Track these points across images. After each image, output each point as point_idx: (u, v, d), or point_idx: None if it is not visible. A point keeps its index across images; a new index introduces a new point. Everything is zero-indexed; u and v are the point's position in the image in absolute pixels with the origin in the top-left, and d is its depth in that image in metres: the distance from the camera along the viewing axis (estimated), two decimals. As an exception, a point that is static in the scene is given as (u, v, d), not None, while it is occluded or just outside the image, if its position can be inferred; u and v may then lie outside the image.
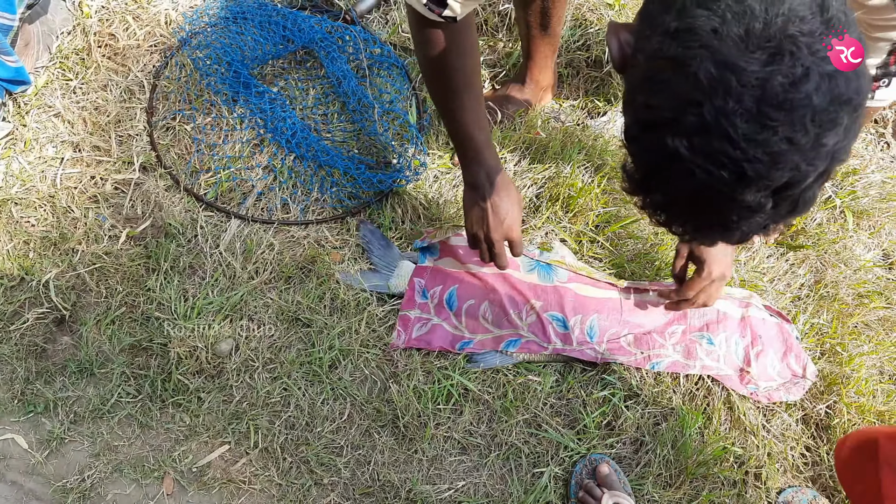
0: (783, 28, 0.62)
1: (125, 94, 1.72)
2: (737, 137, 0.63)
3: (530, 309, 1.53)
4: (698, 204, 0.69)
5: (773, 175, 0.64)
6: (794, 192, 0.66)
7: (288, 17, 1.81)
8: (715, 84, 0.62)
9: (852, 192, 1.80)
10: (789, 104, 0.62)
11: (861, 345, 1.60)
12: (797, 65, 0.61)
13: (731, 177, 0.64)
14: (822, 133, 0.63)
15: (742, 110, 0.62)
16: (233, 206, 1.64)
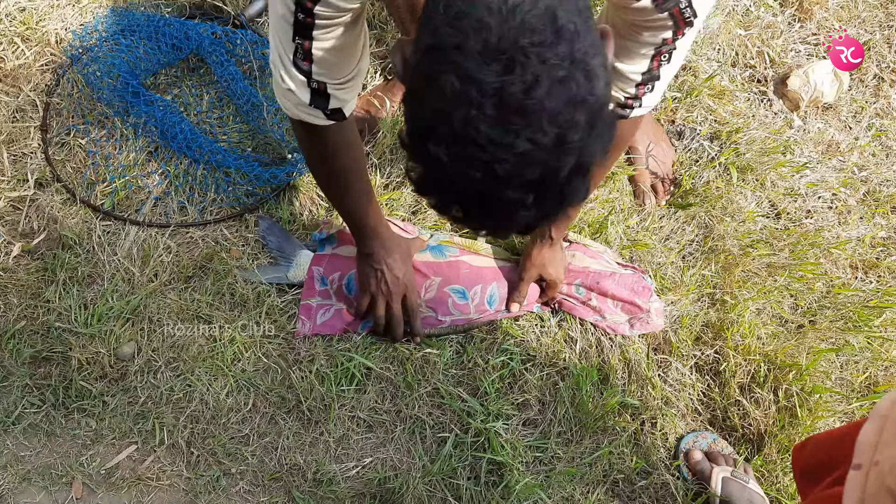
0: (515, 40, 0.67)
1: (17, 113, 1.75)
2: (483, 142, 0.69)
3: (430, 284, 1.57)
4: (468, 203, 0.75)
5: (523, 173, 0.70)
6: (553, 187, 0.72)
7: (176, 26, 1.84)
8: (458, 96, 0.68)
9: (735, 150, 1.88)
10: (525, 109, 0.67)
11: (747, 292, 1.67)
12: (528, 73, 0.67)
13: (485, 177, 0.71)
14: (563, 132, 0.69)
15: (484, 117, 0.68)
16: (130, 214, 1.66)
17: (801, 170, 1.89)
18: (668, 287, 1.68)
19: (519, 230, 0.79)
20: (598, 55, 0.72)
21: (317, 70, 1.07)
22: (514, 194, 0.72)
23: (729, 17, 2.08)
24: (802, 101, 1.98)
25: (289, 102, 1.14)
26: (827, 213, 1.88)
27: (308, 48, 1.03)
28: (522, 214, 0.74)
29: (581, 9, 0.72)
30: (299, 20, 0.98)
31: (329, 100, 1.13)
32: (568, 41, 0.68)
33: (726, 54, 2.04)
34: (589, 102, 0.70)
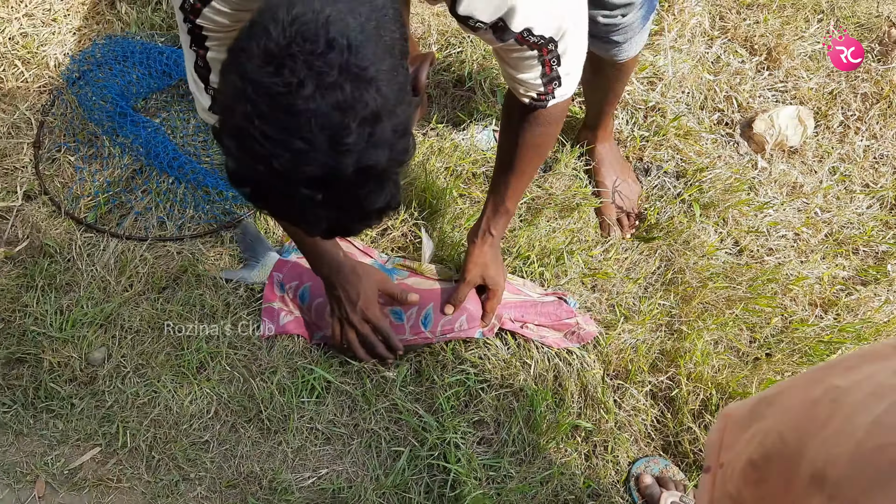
0: (288, 46, 0.73)
1: (12, 130, 1.84)
2: (259, 137, 0.74)
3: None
4: (267, 196, 0.80)
5: (302, 169, 0.75)
6: (341, 187, 0.77)
7: (167, 53, 1.95)
8: (238, 93, 0.75)
9: (700, 187, 1.94)
10: (292, 108, 0.73)
11: (702, 322, 1.72)
12: (295, 76, 0.72)
13: (265, 170, 0.76)
14: (336, 136, 0.74)
15: (259, 114, 0.74)
16: (111, 227, 1.74)
17: (763, 208, 1.95)
18: (625, 315, 1.73)
19: (329, 229, 0.84)
20: (382, 70, 0.76)
21: (214, 79, 1.11)
22: (301, 191, 0.77)
23: (699, 63, 2.17)
24: (767, 144, 2.05)
25: (200, 109, 1.19)
26: (789, 252, 1.93)
27: (203, 55, 1.07)
28: (319, 212, 0.80)
29: (367, 28, 0.77)
30: (191, 31, 1.04)
31: None
32: (339, 52, 0.74)
33: (695, 97, 2.12)
34: (357, 109, 0.74)
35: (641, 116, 2.05)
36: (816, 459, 0.66)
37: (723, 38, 2.25)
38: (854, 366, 0.73)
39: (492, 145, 1.97)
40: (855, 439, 0.63)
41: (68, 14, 2.05)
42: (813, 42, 2.24)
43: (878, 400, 0.65)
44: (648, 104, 2.06)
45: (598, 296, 1.78)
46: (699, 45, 2.20)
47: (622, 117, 2.04)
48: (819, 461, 0.66)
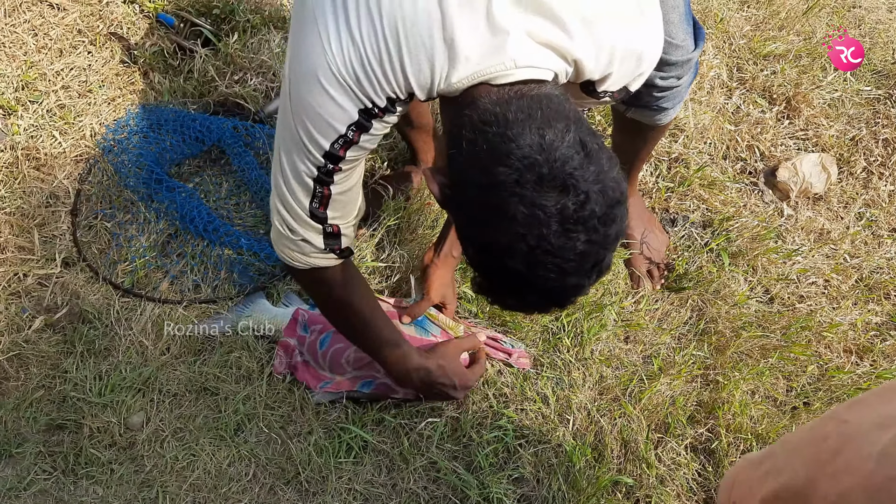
0: (562, 169, 0.86)
1: (50, 199, 1.89)
2: (554, 251, 0.87)
3: None
4: (541, 297, 0.94)
5: (584, 265, 0.90)
6: (602, 267, 0.93)
7: (200, 120, 2.00)
8: (529, 220, 0.86)
9: (727, 236, 1.95)
10: (583, 219, 0.87)
11: (738, 372, 1.71)
12: (580, 192, 0.86)
13: (557, 276, 0.89)
14: (607, 228, 0.89)
15: (552, 233, 0.86)
16: (147, 291, 1.77)
17: (791, 256, 1.95)
18: (661, 367, 1.73)
19: (568, 307, 0.99)
20: (614, 160, 0.91)
21: (332, 214, 1.15)
22: (576, 281, 0.91)
23: (719, 114, 2.20)
24: (792, 192, 2.07)
25: (298, 253, 1.22)
26: (820, 299, 1.93)
27: (328, 194, 1.11)
28: (580, 294, 0.94)
29: (591, 130, 0.91)
30: (324, 170, 1.07)
31: (341, 239, 1.21)
32: (596, 159, 0.88)
33: (717, 148, 2.15)
34: (621, 201, 0.90)
35: (665, 168, 2.08)
36: (829, 494, 0.67)
37: (741, 89, 2.28)
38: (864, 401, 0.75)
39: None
40: (864, 471, 0.64)
41: (103, 85, 2.11)
42: (831, 90, 2.27)
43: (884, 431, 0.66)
44: (672, 155, 2.09)
45: (631, 347, 1.77)
46: (718, 96, 2.24)
47: (646, 169, 2.07)
48: (832, 495, 0.67)
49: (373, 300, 1.44)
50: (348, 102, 0.99)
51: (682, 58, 1.45)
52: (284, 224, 1.18)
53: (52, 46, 2.15)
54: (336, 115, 1.00)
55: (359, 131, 1.02)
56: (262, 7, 2.27)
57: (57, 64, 2.11)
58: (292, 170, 1.09)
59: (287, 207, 1.15)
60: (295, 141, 1.06)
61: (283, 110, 1.07)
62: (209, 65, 2.12)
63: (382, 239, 1.84)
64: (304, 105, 1.01)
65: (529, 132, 0.87)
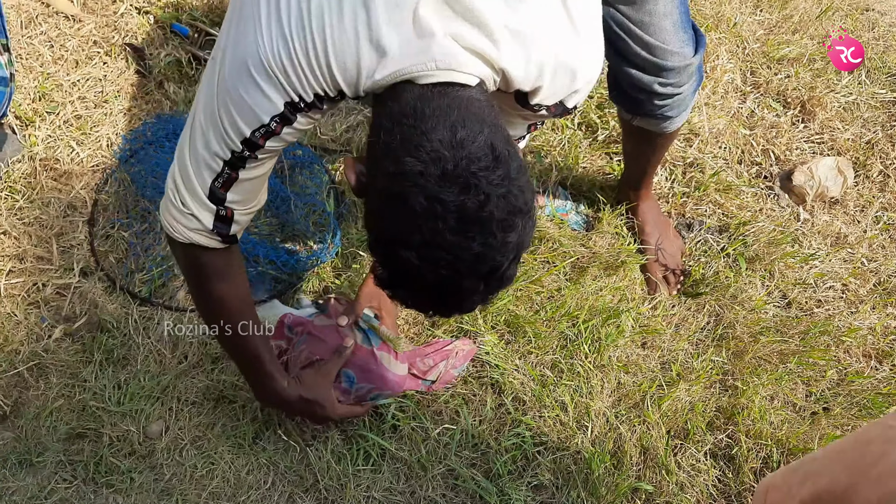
0: (467, 168, 0.86)
1: (68, 209, 1.90)
2: (447, 247, 0.87)
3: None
4: (432, 294, 0.93)
5: (479, 268, 0.89)
6: (499, 275, 0.92)
7: (215, 130, 2.01)
8: (426, 212, 0.86)
9: (743, 241, 1.94)
10: (480, 220, 0.87)
11: (757, 377, 1.70)
12: (481, 192, 0.86)
13: (448, 273, 0.89)
14: (506, 235, 0.88)
15: (448, 228, 0.86)
16: (165, 300, 1.77)
17: (808, 260, 1.94)
18: (679, 373, 1.72)
19: (465, 311, 0.99)
20: (523, 170, 0.92)
21: (232, 198, 1.13)
22: (470, 284, 0.91)
23: (734, 119, 2.20)
24: (808, 196, 2.06)
25: (182, 226, 1.17)
26: (838, 303, 1.91)
27: (234, 178, 1.10)
28: (474, 299, 0.94)
29: (507, 137, 0.93)
30: (238, 155, 1.06)
31: (231, 225, 1.18)
32: (504, 164, 0.88)
33: (732, 152, 2.14)
34: (524, 210, 0.90)
35: (680, 173, 2.07)
36: (871, 497, 0.67)
37: (755, 93, 2.28)
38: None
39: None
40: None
41: (119, 95, 2.13)
42: (846, 93, 2.26)
43: None
44: (687, 160, 2.09)
45: (648, 353, 1.77)
46: (733, 100, 2.24)
47: (661, 174, 2.06)
48: (874, 499, 0.66)
49: (249, 304, 1.37)
50: (275, 94, 0.99)
51: (680, 64, 1.46)
52: (177, 195, 1.15)
53: (67, 58, 2.17)
54: (261, 105, 1.00)
55: (282, 123, 1.02)
56: (276, 16, 2.28)
57: (73, 75, 2.13)
58: (204, 146, 1.08)
59: (185, 181, 1.13)
60: (214, 121, 1.04)
61: (209, 85, 1.05)
62: (224, 74, 2.13)
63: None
64: (231, 89, 1.01)
65: (442, 128, 0.88)
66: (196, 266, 1.27)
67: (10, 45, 1.81)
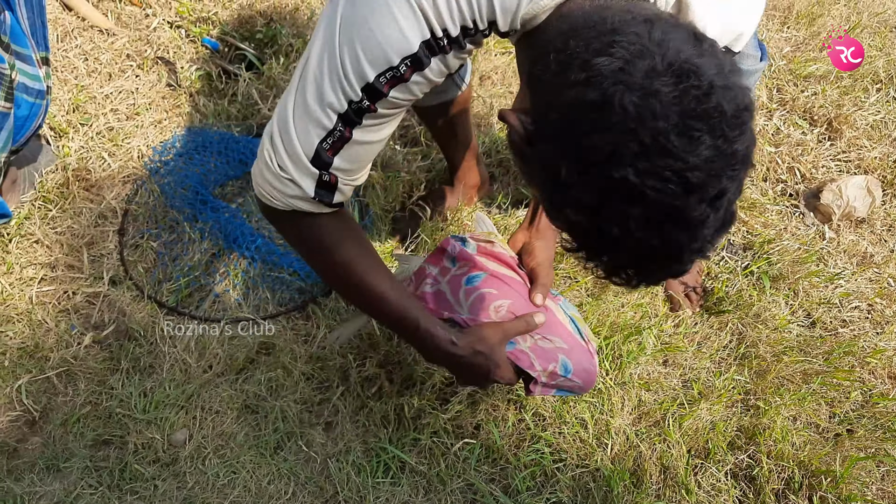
0: (677, 57, 0.72)
1: (99, 219, 1.94)
2: (675, 150, 0.71)
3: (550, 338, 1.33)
4: (654, 230, 0.75)
5: (710, 182, 0.72)
6: (723, 202, 0.75)
7: (243, 143, 2.05)
8: (641, 110, 0.71)
9: (767, 259, 1.93)
10: (706, 114, 0.71)
11: (779, 397, 1.69)
12: (702, 81, 0.71)
13: (678, 188, 0.72)
14: (735, 138, 0.73)
15: (670, 126, 0.71)
16: (191, 309, 1.80)
17: (833, 279, 1.92)
18: (701, 391, 1.71)
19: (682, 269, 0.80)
20: (736, 68, 0.76)
21: (339, 164, 0.99)
22: (699, 211, 0.73)
23: (759, 136, 2.19)
24: (834, 215, 2.04)
25: (279, 192, 1.02)
26: (864, 323, 1.89)
27: (347, 137, 0.95)
28: (704, 234, 0.76)
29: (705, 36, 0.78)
30: (356, 107, 0.92)
31: (335, 193, 1.03)
32: (714, 57, 0.74)
33: (757, 170, 2.13)
34: (751, 108, 0.75)
35: (704, 190, 2.06)
36: None
37: (781, 111, 2.27)
38: None
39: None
40: None
41: (150, 108, 2.17)
42: (874, 111, 2.24)
43: None
44: (711, 178, 2.08)
45: (670, 371, 1.76)
46: (759, 117, 2.23)
47: (685, 191, 2.06)
48: None
49: (378, 263, 1.17)
50: (413, 28, 0.87)
51: (752, 67, 1.49)
52: (274, 157, 1.00)
53: (101, 70, 2.22)
54: (393, 42, 0.87)
55: (413, 68, 0.89)
56: (304, 31, 2.32)
57: (106, 87, 2.18)
58: (316, 97, 0.93)
59: (286, 141, 0.98)
60: (333, 64, 0.91)
61: (329, 23, 0.91)
62: (252, 88, 2.17)
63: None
64: (360, 22, 0.87)
65: (635, 25, 0.74)
66: (307, 235, 1.11)
67: (50, 58, 1.85)
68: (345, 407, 1.65)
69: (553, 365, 1.31)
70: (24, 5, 1.75)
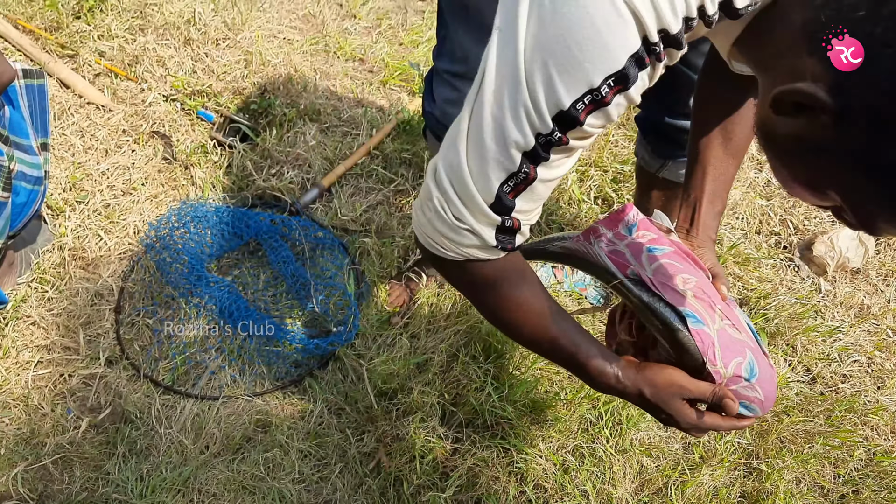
0: None
1: (95, 298, 1.95)
2: None
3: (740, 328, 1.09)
4: None
5: None
6: None
7: (238, 216, 2.06)
8: None
9: (764, 315, 1.93)
10: None
11: (782, 459, 1.67)
12: None
13: None
14: None
15: None
16: (187, 388, 1.80)
17: (832, 333, 1.92)
18: (702, 455, 1.69)
19: None
20: None
21: (521, 206, 0.87)
22: None
23: (750, 189, 2.20)
24: (829, 266, 2.04)
25: (453, 243, 0.91)
26: (864, 378, 1.88)
27: (532, 177, 0.83)
28: None
29: None
30: (545, 140, 0.79)
31: (516, 237, 0.91)
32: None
33: (750, 223, 2.14)
34: None
35: (698, 247, 2.07)
36: None
37: (771, 163, 2.28)
38: None
39: (551, 282, 2.00)
40: None
41: (146, 182, 2.20)
42: (863, 161, 2.25)
43: None
44: (704, 234, 2.08)
45: (671, 434, 1.75)
46: (748, 170, 2.24)
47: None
48: None
49: (548, 301, 1.02)
50: (620, 38, 0.73)
51: None
52: (448, 208, 0.87)
53: (98, 147, 2.25)
54: (596, 58, 0.73)
55: (616, 87, 0.75)
56: (298, 101, 2.35)
57: (103, 164, 2.21)
58: (495, 136, 0.80)
59: (459, 190, 0.85)
60: (516, 97, 0.77)
61: (507, 49, 0.78)
62: (247, 160, 2.20)
63: (418, 334, 1.86)
64: (552, 41, 0.74)
65: None
66: (479, 282, 0.98)
67: (49, 142, 1.89)
68: (343, 485, 1.64)
69: (739, 360, 1.05)
70: (25, 94, 1.79)
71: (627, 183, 2.15)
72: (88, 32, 2.50)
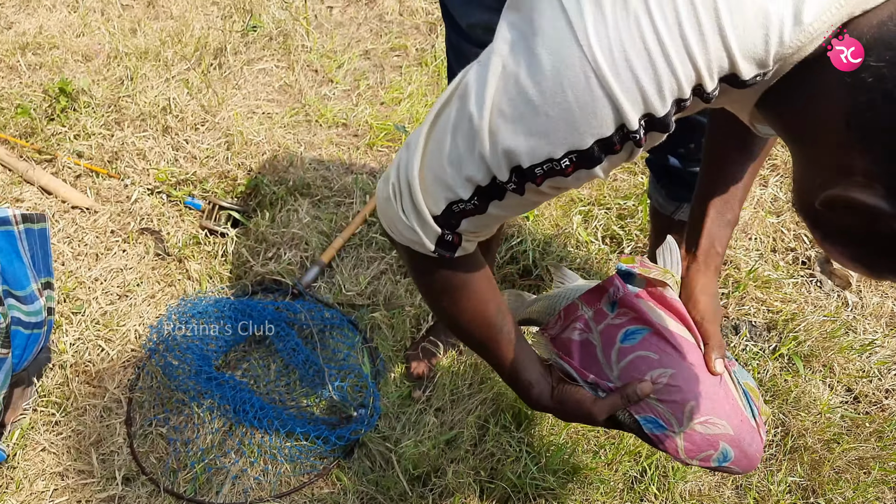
0: None
1: (103, 413, 1.87)
2: None
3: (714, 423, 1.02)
4: None
5: None
6: None
7: (239, 307, 2.00)
8: None
9: (795, 338, 1.86)
10: None
11: (839, 493, 1.59)
12: None
13: None
14: None
15: None
16: (210, 497, 1.72)
17: (867, 348, 1.85)
18: (757, 499, 1.62)
19: None
20: None
21: (466, 227, 0.84)
22: None
23: (758, 207, 2.14)
24: (852, 277, 1.98)
25: (396, 228, 0.88)
26: (908, 389, 1.81)
27: (481, 209, 0.80)
28: None
29: None
30: (499, 186, 0.76)
31: (456, 250, 0.88)
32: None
33: (764, 242, 2.08)
34: None
35: (715, 275, 2.01)
36: None
37: (775, 175, 2.23)
38: None
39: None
40: None
41: (141, 282, 2.13)
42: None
43: None
44: (719, 261, 2.02)
45: (720, 479, 1.67)
46: (753, 187, 2.18)
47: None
48: None
49: (497, 308, 0.99)
50: (591, 119, 0.68)
51: None
52: (398, 199, 0.84)
53: (87, 252, 2.19)
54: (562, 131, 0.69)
55: (580, 164, 0.71)
56: (286, 177, 2.30)
57: (94, 269, 2.14)
58: (451, 160, 0.77)
59: (411, 193, 0.82)
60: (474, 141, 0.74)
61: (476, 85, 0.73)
62: (241, 246, 2.14)
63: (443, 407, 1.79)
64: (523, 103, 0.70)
65: None
66: (423, 273, 0.96)
67: (53, 280, 1.84)
68: (387, 584, 1.56)
69: (709, 453, 1.03)
70: (25, 239, 1.74)
71: (633, 218, 2.10)
72: (64, 133, 2.45)
